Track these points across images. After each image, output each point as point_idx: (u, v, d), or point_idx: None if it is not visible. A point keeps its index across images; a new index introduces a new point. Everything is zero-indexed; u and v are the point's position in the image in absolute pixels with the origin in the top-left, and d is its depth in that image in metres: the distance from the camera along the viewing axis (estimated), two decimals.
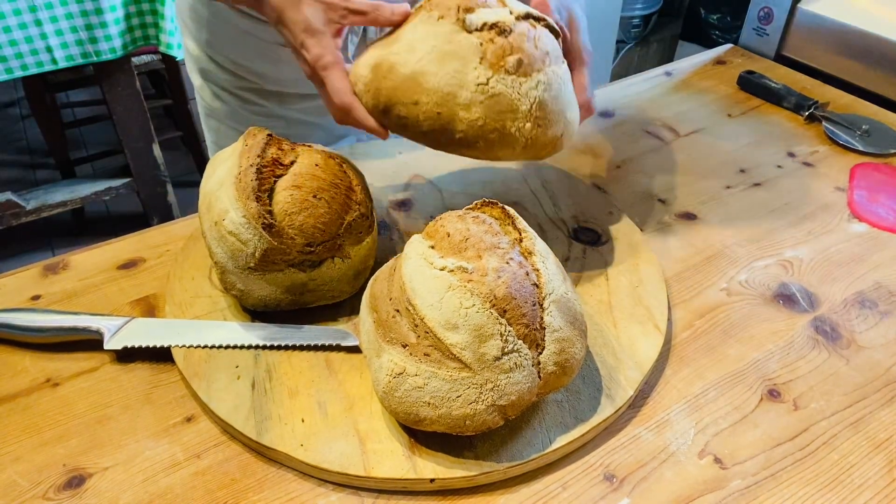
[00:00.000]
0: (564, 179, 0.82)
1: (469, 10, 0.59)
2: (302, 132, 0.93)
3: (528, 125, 0.58)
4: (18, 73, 1.65)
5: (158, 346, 0.60)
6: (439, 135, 0.58)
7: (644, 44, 2.60)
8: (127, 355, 0.61)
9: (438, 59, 0.57)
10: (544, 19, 0.62)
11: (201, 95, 0.96)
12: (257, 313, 0.64)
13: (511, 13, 0.60)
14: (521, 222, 0.58)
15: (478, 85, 0.57)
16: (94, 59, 1.62)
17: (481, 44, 0.57)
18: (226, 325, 0.62)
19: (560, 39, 0.64)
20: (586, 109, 0.66)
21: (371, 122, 0.60)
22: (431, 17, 0.59)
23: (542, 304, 0.53)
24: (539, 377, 0.52)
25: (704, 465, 0.54)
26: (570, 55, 0.66)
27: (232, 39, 0.87)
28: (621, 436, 0.56)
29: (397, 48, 0.59)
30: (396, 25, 0.62)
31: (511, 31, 0.58)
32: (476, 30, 0.58)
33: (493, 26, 0.58)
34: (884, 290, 0.70)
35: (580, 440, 0.55)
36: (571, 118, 0.63)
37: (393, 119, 0.59)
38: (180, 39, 1.19)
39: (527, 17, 0.61)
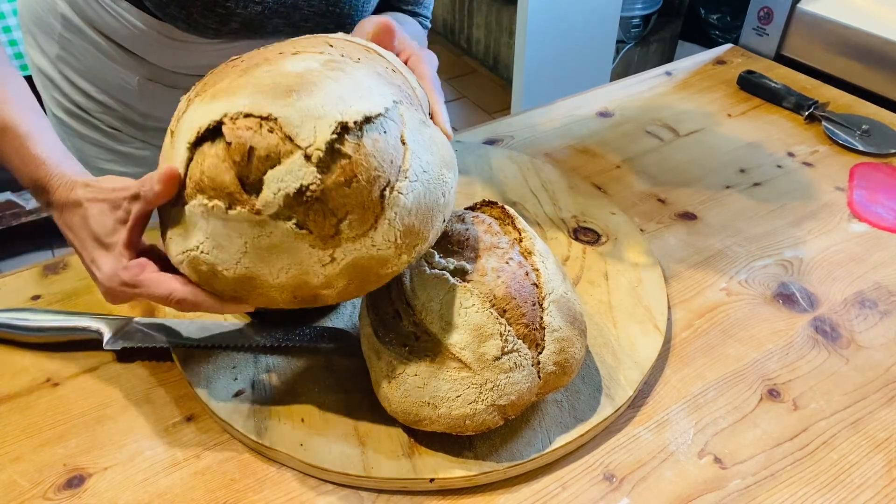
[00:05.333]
0: (564, 179, 0.82)
1: (256, 184, 0.45)
2: None
3: (405, 256, 0.48)
4: None
5: (158, 346, 0.60)
6: (311, 304, 0.49)
7: (644, 44, 2.60)
8: (127, 355, 0.61)
9: (261, 258, 0.46)
10: (356, 123, 0.45)
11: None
12: (257, 313, 0.64)
13: (308, 156, 0.44)
14: (521, 222, 0.58)
15: (324, 266, 0.47)
16: None
17: (298, 225, 0.45)
18: (225, 326, 0.62)
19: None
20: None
21: (231, 306, 0.51)
22: (217, 208, 0.46)
23: (541, 304, 0.53)
24: (539, 377, 0.52)
25: (704, 465, 0.54)
26: (426, 90, 0.58)
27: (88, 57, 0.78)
28: (621, 436, 0.56)
29: (201, 242, 0.48)
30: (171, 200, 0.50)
31: (321, 188, 0.44)
32: (281, 207, 0.45)
33: (299, 195, 0.44)
34: (884, 289, 0.70)
35: (580, 440, 0.55)
36: (448, 189, 0.51)
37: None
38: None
39: (332, 143, 0.44)
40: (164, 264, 0.52)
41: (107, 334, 0.60)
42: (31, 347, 0.62)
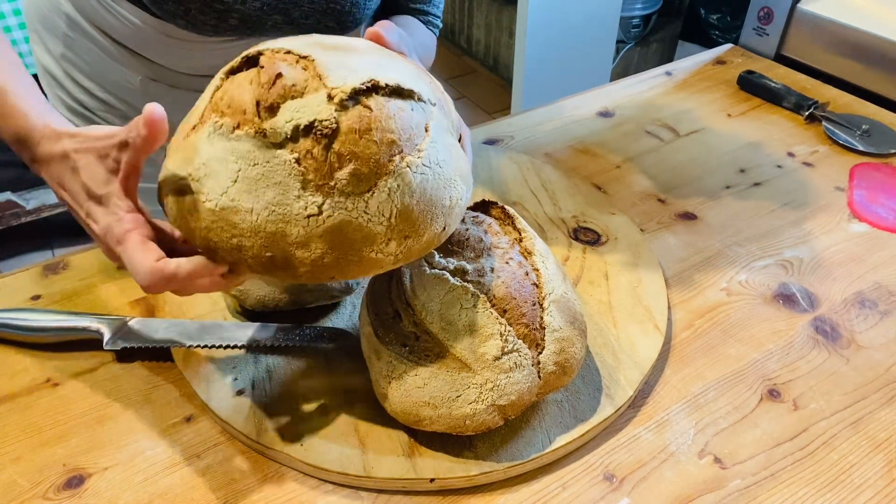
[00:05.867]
0: (564, 179, 0.82)
1: (272, 108, 0.44)
2: None
3: (393, 244, 0.45)
4: None
5: (158, 346, 0.60)
6: (279, 275, 0.46)
7: (644, 44, 2.60)
8: (127, 355, 0.61)
9: (248, 189, 0.44)
10: (387, 86, 0.45)
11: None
12: (257, 313, 0.64)
13: (331, 97, 0.44)
14: (521, 222, 0.58)
15: (308, 217, 0.43)
16: None
17: (297, 161, 0.43)
18: (225, 326, 0.62)
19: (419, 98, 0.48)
20: None
21: (204, 281, 0.46)
22: (225, 125, 0.45)
23: (542, 304, 0.53)
24: (539, 377, 0.52)
25: (704, 465, 0.54)
26: None
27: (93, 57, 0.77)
28: (621, 436, 0.56)
29: (196, 168, 0.45)
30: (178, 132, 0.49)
31: (335, 129, 0.43)
32: (287, 138, 0.44)
33: (308, 130, 0.43)
34: (884, 289, 0.70)
35: (580, 440, 0.55)
36: (456, 198, 0.49)
37: (219, 261, 0.46)
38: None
39: (358, 93, 0.44)
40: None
41: (107, 334, 0.60)
42: (31, 347, 0.62)
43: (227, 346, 0.60)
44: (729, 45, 1.17)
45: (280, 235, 0.44)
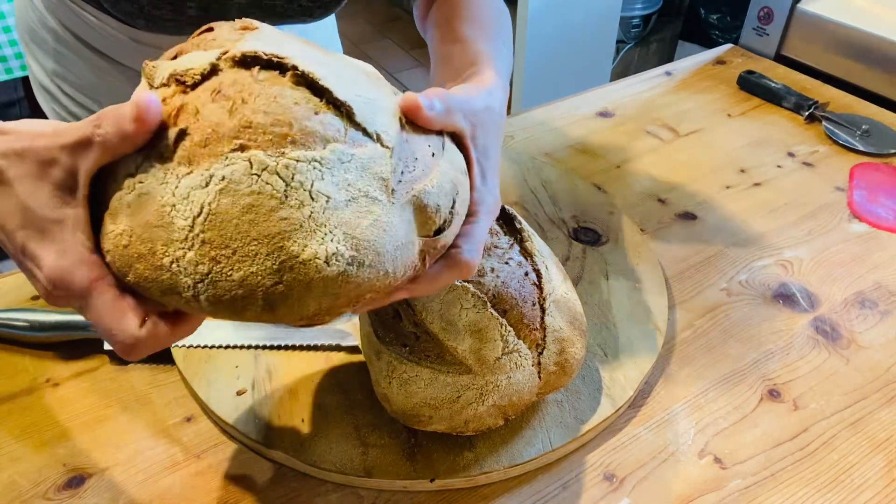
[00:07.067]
0: (564, 179, 0.82)
1: (176, 56, 0.39)
2: None
3: (190, 254, 0.34)
4: (18, 74, 1.65)
5: None
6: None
7: (644, 44, 2.60)
8: None
9: None
10: (300, 73, 0.37)
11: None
12: None
13: (224, 54, 0.37)
14: (521, 222, 0.58)
15: (127, 177, 0.35)
16: None
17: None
18: (226, 325, 0.62)
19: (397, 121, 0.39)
20: (459, 268, 0.42)
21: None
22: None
23: (542, 304, 0.53)
24: (539, 377, 0.52)
25: (704, 465, 0.54)
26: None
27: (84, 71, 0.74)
28: (621, 436, 0.56)
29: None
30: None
31: (197, 83, 0.36)
32: (162, 84, 0.37)
33: (177, 79, 0.37)
34: (884, 290, 0.70)
35: (580, 440, 0.55)
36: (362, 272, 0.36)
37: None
38: None
39: (254, 61, 0.37)
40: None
41: None
42: (31, 347, 0.62)
43: (227, 346, 0.60)
44: (729, 45, 1.17)
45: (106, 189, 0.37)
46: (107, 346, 0.60)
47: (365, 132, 0.37)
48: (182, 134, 0.35)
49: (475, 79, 0.52)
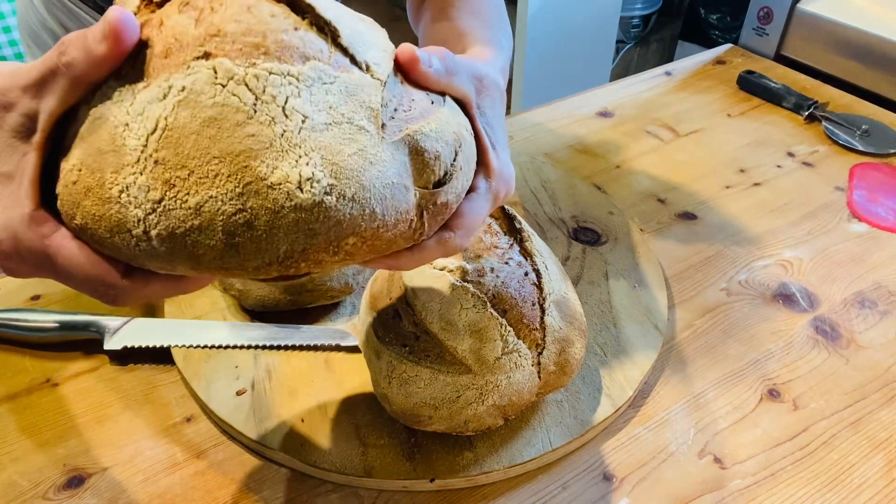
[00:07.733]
0: (564, 179, 0.82)
1: None
2: None
3: (141, 178, 0.29)
4: None
5: (158, 346, 0.60)
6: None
7: (644, 44, 2.60)
8: (127, 355, 0.61)
9: None
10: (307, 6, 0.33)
11: None
12: (257, 313, 0.64)
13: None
14: (521, 222, 0.58)
15: (83, 106, 0.32)
16: None
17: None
18: (225, 325, 0.62)
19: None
20: (444, 246, 0.37)
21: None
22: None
23: (542, 304, 0.53)
24: (539, 377, 0.52)
25: (704, 465, 0.54)
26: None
27: None
28: (621, 436, 0.56)
29: None
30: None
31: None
32: (136, 11, 0.33)
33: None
34: (883, 289, 0.70)
35: (580, 440, 0.55)
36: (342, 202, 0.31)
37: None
38: None
39: None
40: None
41: (107, 334, 0.60)
42: (31, 347, 0.62)
43: (227, 346, 0.60)
44: (729, 45, 1.17)
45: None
46: (107, 346, 0.60)
47: (353, 60, 0.33)
48: (142, 46, 0.31)
49: (473, 50, 0.47)
